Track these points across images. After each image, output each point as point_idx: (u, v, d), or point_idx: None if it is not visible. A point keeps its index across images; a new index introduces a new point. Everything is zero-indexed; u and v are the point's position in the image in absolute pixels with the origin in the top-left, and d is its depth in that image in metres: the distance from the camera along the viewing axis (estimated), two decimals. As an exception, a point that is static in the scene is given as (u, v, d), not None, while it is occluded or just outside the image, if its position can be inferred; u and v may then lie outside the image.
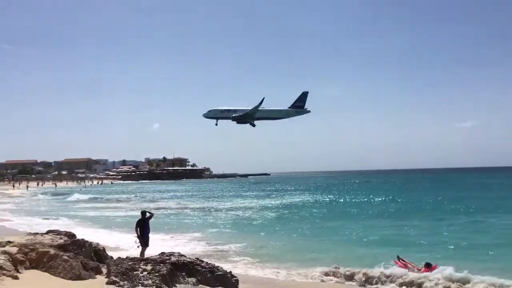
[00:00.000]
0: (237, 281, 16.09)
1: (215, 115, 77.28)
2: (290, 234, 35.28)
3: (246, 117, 76.45)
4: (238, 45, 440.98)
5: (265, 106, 76.02)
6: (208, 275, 15.24)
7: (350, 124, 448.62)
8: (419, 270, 20.75)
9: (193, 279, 15.02)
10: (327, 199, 74.12)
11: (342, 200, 70.35)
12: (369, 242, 30.65)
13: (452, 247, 28.01)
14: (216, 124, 77.17)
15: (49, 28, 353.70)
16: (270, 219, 46.16)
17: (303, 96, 79.84)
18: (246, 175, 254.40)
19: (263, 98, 74.04)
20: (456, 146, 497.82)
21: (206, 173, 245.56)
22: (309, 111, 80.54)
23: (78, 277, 13.78)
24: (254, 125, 78.34)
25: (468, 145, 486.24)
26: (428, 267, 20.69)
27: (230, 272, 16.39)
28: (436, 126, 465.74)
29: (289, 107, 79.74)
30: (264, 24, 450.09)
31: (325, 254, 25.89)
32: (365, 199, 70.47)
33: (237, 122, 77.20)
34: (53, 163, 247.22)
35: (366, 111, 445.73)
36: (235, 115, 76.24)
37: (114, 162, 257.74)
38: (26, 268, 14.05)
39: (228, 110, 77.39)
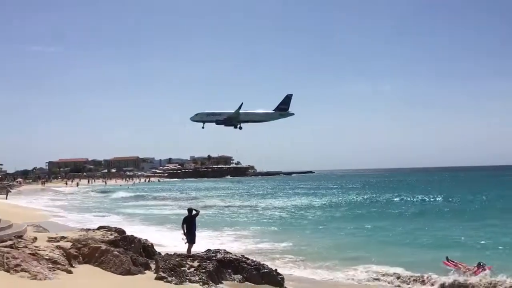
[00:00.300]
0: (282, 279, 16.05)
1: (202, 118, 79.59)
2: (336, 233, 34.80)
3: (230, 121, 78.13)
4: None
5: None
6: (254, 273, 15.30)
7: (398, 124, 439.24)
8: (471, 270, 19.96)
9: (239, 276, 15.13)
10: (375, 197, 72.69)
11: (391, 199, 68.80)
12: (418, 243, 29.74)
13: (508, 247, 26.83)
14: (203, 127, 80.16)
15: (105, 28, 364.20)
16: (316, 217, 45.75)
17: (287, 99, 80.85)
18: (290, 173, 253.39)
19: (242, 103, 76.46)
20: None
21: (250, 171, 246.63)
22: (293, 114, 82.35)
23: (128, 272, 14.15)
24: (241, 128, 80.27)
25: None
26: (481, 267, 19.87)
27: (276, 270, 16.37)
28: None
29: (273, 110, 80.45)
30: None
31: (371, 254, 25.28)
32: (416, 198, 68.51)
33: (225, 125, 79.27)
34: (102, 162, 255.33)
35: (406, 110, 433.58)
36: (219, 118, 77.48)
37: (160, 160, 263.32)
38: (79, 263, 14.56)
39: (214, 114, 79.50)
